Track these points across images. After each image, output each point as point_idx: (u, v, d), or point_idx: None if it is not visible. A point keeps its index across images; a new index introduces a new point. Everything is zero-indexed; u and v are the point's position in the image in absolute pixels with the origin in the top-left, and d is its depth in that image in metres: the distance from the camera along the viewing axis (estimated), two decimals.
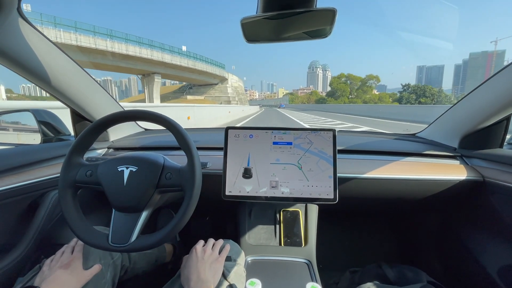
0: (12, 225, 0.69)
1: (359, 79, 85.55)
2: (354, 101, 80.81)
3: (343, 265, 1.07)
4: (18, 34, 0.63)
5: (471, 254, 0.87)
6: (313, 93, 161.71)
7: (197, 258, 0.62)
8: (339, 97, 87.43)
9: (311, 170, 0.78)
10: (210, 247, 0.67)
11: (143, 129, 1.33)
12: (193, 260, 0.62)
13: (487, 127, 0.86)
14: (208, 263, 0.61)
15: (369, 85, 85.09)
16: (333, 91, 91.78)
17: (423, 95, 70.20)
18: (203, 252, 0.64)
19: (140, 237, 0.55)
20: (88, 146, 0.63)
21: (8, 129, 1.15)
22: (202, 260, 0.61)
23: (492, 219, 0.83)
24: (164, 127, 0.61)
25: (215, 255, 0.65)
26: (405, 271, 0.88)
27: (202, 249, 0.66)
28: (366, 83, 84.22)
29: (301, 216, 0.92)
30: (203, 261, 0.61)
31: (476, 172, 0.86)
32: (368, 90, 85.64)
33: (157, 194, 0.59)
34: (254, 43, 0.67)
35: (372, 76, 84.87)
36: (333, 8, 0.54)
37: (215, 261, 0.63)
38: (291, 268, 0.80)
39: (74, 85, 0.85)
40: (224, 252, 0.68)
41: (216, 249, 0.67)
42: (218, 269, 0.62)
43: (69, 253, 0.63)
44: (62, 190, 0.57)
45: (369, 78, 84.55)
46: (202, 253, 0.64)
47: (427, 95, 70.35)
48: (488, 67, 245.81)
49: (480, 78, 52.17)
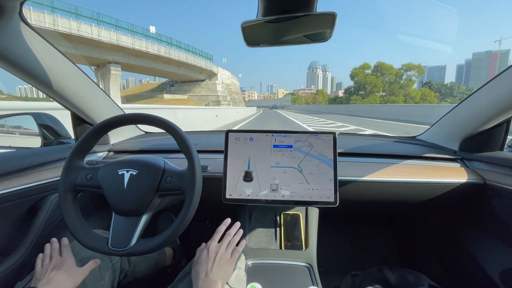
0: (12, 229, 0.69)
1: (394, 70, 55.81)
2: (392, 100, 52.09)
3: (344, 268, 1.06)
4: (20, 38, 0.63)
5: (472, 257, 0.87)
6: (319, 92, 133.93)
7: (209, 257, 0.61)
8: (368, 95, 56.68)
9: (312, 173, 0.78)
10: (225, 246, 0.65)
11: (144, 132, 1.33)
12: (205, 257, 0.61)
13: (488, 130, 0.86)
14: (220, 264, 0.61)
15: (408, 78, 55.18)
16: (358, 86, 59.14)
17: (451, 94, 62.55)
18: (215, 251, 0.63)
19: (140, 241, 0.55)
20: (89, 150, 0.63)
21: (8, 132, 1.15)
22: (213, 259, 0.61)
23: (493, 222, 0.83)
24: (164, 130, 0.61)
25: (227, 257, 0.64)
26: (406, 274, 0.87)
27: (215, 247, 0.64)
28: (402, 76, 55.39)
29: (302, 220, 0.92)
30: (214, 261, 0.60)
31: (477, 175, 0.86)
32: (408, 84, 55.02)
33: (157, 198, 0.59)
34: (255, 47, 0.67)
35: (413, 66, 53.59)
36: (333, 12, 0.55)
37: (226, 263, 0.62)
38: (292, 271, 0.80)
39: (75, 89, 0.85)
40: (236, 253, 0.67)
41: (230, 249, 0.66)
42: (228, 271, 0.62)
43: (58, 256, 0.62)
44: (62, 194, 0.57)
45: (407, 68, 53.97)
46: (214, 252, 0.63)
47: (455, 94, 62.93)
48: (492, 67, 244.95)
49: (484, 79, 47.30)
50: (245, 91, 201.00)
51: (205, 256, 0.61)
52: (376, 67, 57.28)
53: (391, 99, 53.18)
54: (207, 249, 0.63)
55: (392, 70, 56.14)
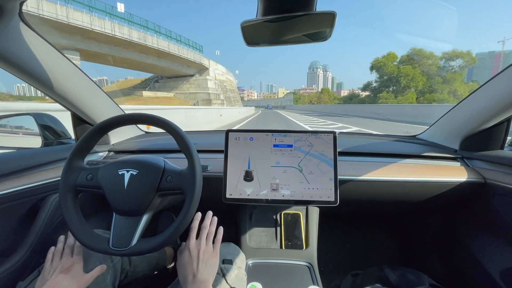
0: (12, 229, 0.69)
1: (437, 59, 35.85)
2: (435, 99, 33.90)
3: (344, 268, 1.06)
4: (20, 38, 0.63)
5: (473, 256, 0.87)
6: (324, 91, 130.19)
7: (192, 257, 0.58)
8: (403, 91, 36.69)
9: (312, 172, 0.78)
10: (204, 241, 0.62)
11: (144, 132, 1.33)
12: (187, 259, 0.59)
13: (488, 129, 0.86)
14: (204, 260, 0.58)
15: (453, 70, 35.35)
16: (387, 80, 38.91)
17: None
18: (196, 248, 0.60)
19: (141, 241, 0.55)
20: (89, 150, 0.63)
21: (9, 132, 1.15)
22: (197, 258, 0.58)
23: (493, 221, 0.83)
24: (164, 130, 0.61)
25: (209, 250, 0.61)
26: (407, 274, 0.87)
27: (195, 245, 0.61)
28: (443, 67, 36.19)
29: (302, 219, 0.92)
30: (198, 260, 0.58)
31: (477, 173, 0.86)
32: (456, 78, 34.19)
33: (157, 198, 0.59)
34: (254, 46, 0.67)
35: (460, 53, 34.74)
36: (333, 11, 0.54)
37: (211, 257, 0.60)
38: (292, 271, 0.80)
39: (75, 89, 0.85)
40: (217, 243, 0.64)
41: (210, 242, 0.63)
42: (214, 264, 0.60)
43: (69, 256, 0.62)
44: (62, 194, 0.57)
45: (452, 55, 35.22)
46: (195, 251, 0.60)
47: None
48: (495, 68, 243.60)
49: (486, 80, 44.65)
50: (244, 90, 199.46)
51: (188, 257, 0.58)
52: (409, 56, 37.30)
53: (435, 96, 34.51)
54: (187, 249, 0.60)
55: (434, 58, 35.91)
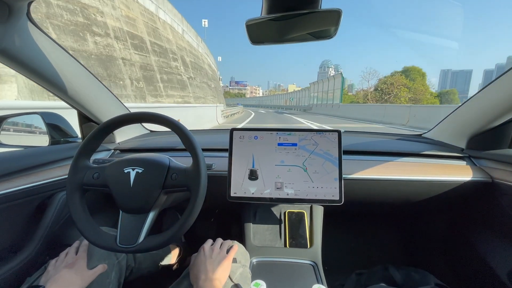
0: (21, 226, 0.70)
1: None
2: None
3: (349, 267, 1.06)
4: (28, 38, 0.64)
5: (479, 256, 0.86)
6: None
7: (205, 257, 0.62)
8: None
9: (317, 172, 0.78)
10: (218, 246, 0.68)
11: (149, 131, 1.34)
12: (201, 258, 0.62)
13: (495, 127, 0.85)
14: (217, 261, 0.62)
15: None
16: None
17: None
18: (211, 251, 0.65)
19: (148, 238, 0.56)
20: (95, 149, 0.64)
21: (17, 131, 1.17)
22: (211, 258, 0.62)
23: (501, 220, 0.82)
24: (169, 128, 0.62)
25: (223, 254, 0.65)
26: (412, 273, 0.87)
27: (210, 248, 0.66)
28: None
29: (306, 218, 0.92)
30: (211, 260, 0.61)
31: (485, 173, 0.85)
32: None
33: (163, 195, 0.59)
34: (259, 45, 0.67)
35: None
36: (338, 9, 0.54)
37: (223, 259, 0.63)
38: (297, 269, 0.80)
39: (82, 88, 0.86)
40: (232, 251, 0.68)
41: (224, 248, 0.68)
42: (226, 268, 0.63)
43: (73, 254, 0.64)
44: (69, 193, 0.58)
45: None
46: (210, 252, 0.64)
47: None
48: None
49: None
50: (246, 86, 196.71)
51: (201, 258, 0.62)
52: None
53: None
54: (202, 250, 0.65)
55: None
